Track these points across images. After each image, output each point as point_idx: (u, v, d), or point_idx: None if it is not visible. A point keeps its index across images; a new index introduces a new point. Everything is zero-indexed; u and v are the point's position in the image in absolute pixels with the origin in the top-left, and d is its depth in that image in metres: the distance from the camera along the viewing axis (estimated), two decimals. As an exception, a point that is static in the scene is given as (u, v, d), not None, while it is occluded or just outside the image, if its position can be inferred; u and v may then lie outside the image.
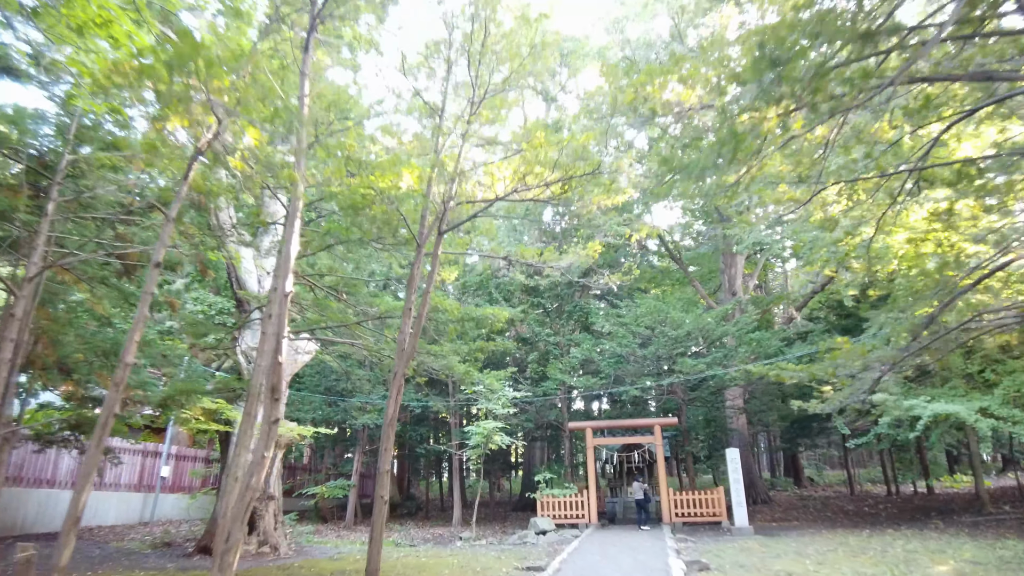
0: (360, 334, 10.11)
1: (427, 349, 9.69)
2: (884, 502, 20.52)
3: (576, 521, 17.94)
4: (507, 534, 17.59)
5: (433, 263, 7.80)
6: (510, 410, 16.74)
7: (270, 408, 6.04)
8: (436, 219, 7.68)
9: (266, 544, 13.54)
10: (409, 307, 7.27)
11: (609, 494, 21.71)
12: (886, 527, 15.55)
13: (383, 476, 6.68)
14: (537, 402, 20.76)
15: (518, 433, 18.25)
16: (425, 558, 12.50)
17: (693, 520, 17.64)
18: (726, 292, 25.82)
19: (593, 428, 19.56)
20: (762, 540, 13.83)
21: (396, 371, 6.99)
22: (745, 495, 17.35)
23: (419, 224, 7.54)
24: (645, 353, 17.72)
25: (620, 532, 16.53)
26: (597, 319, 19.87)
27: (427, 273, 7.78)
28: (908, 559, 10.66)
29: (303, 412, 19.36)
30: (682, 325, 17.27)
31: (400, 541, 16.10)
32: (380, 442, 6.96)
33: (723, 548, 12.64)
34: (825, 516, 18.58)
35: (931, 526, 15.32)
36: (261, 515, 13.73)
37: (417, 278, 7.44)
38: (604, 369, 19.13)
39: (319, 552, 13.64)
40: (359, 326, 9.83)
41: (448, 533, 18.34)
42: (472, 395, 17.33)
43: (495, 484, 33.38)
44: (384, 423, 6.83)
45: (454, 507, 20.97)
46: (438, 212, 7.59)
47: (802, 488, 30.00)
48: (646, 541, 13.88)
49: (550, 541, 15.08)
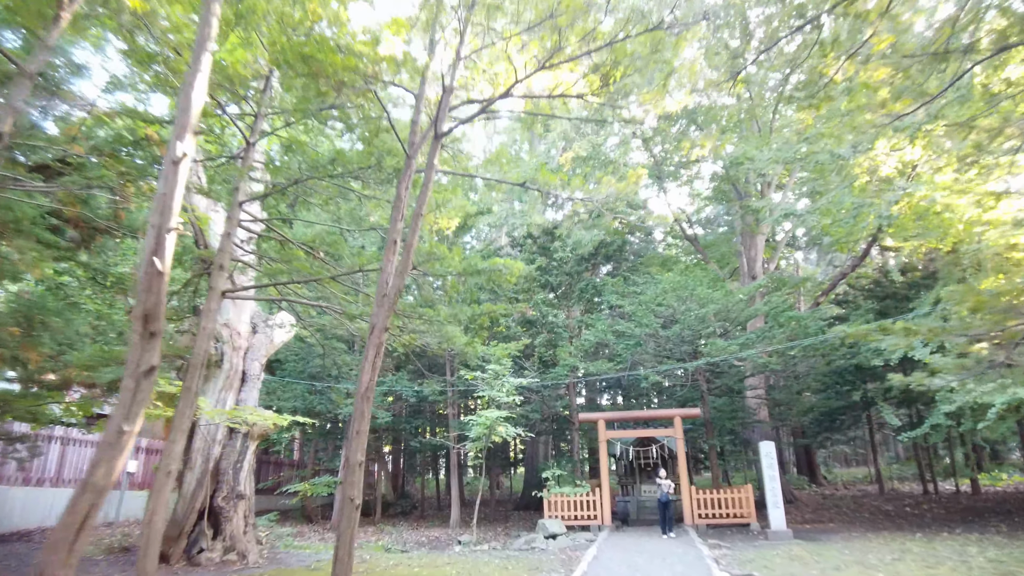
0: (335, 293, 8.22)
1: (419, 313, 7.82)
2: (925, 501, 18.71)
3: (588, 523, 16.08)
4: (511, 537, 15.72)
5: (427, 176, 5.91)
6: (515, 398, 14.84)
7: (141, 350, 4.10)
8: (431, 123, 5.83)
9: (233, 550, 11.63)
10: (394, 238, 5.42)
11: (621, 492, 19.87)
12: (938, 530, 13.74)
13: (353, 470, 4.82)
14: (544, 392, 18.89)
15: (523, 425, 16.37)
16: (418, 567, 10.63)
17: (718, 522, 15.81)
18: (745, 276, 23.97)
19: (606, 420, 17.69)
20: (806, 546, 12.00)
21: (375, 323, 5.14)
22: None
23: (410, 132, 5.70)
24: (668, 334, 15.82)
25: (639, 536, 14.67)
26: (612, 297, 17.95)
27: (419, 185, 5.85)
28: (1001, 571, 8.83)
29: (284, 401, 17.45)
30: (709, 303, 15.36)
31: (391, 545, 14.21)
32: (351, 422, 5.07)
33: (767, 556, 10.79)
34: (862, 517, 16.75)
35: (991, 528, 13.51)
36: (228, 517, 11.84)
37: (405, 200, 5.60)
38: (621, 352, 17.23)
39: (295, 559, 11.75)
40: (335, 283, 7.96)
41: (445, 535, 16.46)
42: (473, 381, 15.45)
43: (495, 482, 31.52)
44: (356, 395, 4.99)
45: (452, 506, 19.10)
46: (432, 115, 5.73)
47: (820, 486, 28.18)
48: (675, 548, 12.02)
49: (562, 546, 13.21)
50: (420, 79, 5.86)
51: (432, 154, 5.92)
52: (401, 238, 5.55)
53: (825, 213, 17.36)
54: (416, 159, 5.83)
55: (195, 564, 11.15)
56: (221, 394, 12.46)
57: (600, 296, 19.75)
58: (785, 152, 17.30)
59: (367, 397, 4.95)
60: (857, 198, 14.53)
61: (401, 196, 5.58)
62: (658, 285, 16.34)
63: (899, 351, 13.55)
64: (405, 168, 5.77)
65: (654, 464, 19.28)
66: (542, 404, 19.40)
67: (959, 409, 12.27)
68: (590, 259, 20.43)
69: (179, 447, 6.20)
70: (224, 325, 12.81)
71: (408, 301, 10.36)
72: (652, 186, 26.29)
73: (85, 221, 10.72)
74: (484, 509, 24.11)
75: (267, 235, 9.16)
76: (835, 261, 34.72)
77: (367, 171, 6.74)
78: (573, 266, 19.29)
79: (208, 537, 11.57)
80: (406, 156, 5.81)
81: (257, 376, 13.17)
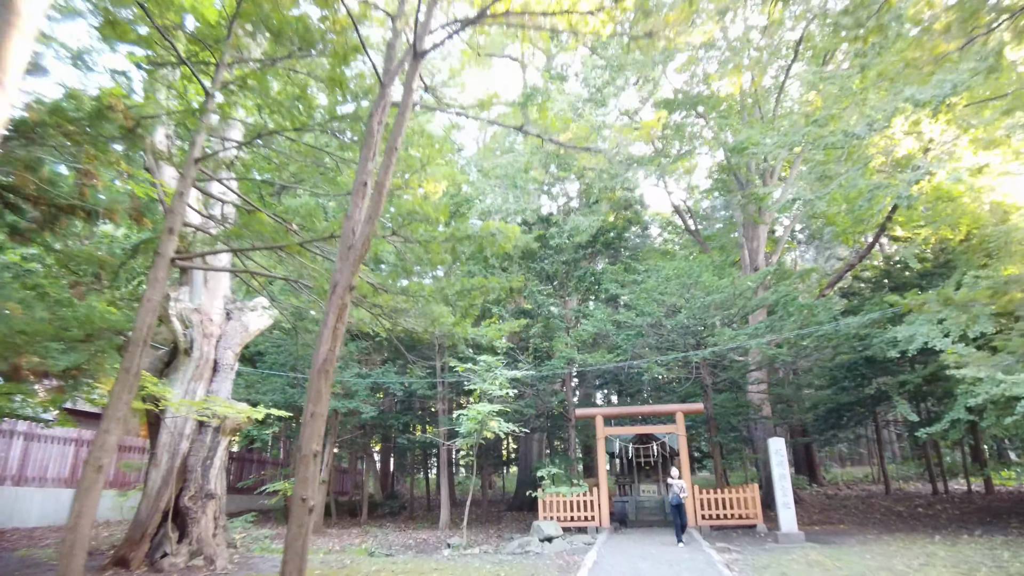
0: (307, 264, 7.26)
1: (400, 288, 6.87)
2: (936, 502, 17.92)
3: (585, 524, 15.19)
4: (503, 539, 14.79)
5: (405, 101, 4.95)
6: (509, 390, 13.90)
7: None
8: (410, 46, 4.89)
9: (200, 554, 10.63)
10: (364, 179, 4.46)
11: (618, 492, 18.99)
12: (956, 531, 12.94)
13: (306, 463, 3.83)
14: (539, 386, 17.95)
15: (516, 421, 15.42)
16: (402, 574, 9.69)
17: (722, 523, 14.96)
18: (747, 268, 23.13)
19: (604, 416, 16.81)
20: (822, 550, 11.14)
21: (337, 280, 4.20)
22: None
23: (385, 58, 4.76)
24: (671, 323, 14.91)
25: (639, 538, 13.78)
26: (612, 286, 17.00)
27: (395, 116, 4.89)
28: (1045, 579, 8.01)
29: (262, 394, 16.43)
30: (715, 291, 14.45)
31: (375, 549, 13.25)
32: (306, 400, 4.14)
33: (782, 562, 9.92)
34: (873, 519, 15.94)
35: (1013, 530, 12.73)
36: (195, 518, 10.84)
37: (378, 135, 4.67)
38: (621, 344, 16.30)
39: (269, 564, 10.78)
40: (306, 253, 6.99)
41: (434, 538, 15.52)
42: (463, 373, 14.49)
43: (486, 481, 30.59)
44: (312, 369, 4.06)
45: (442, 507, 18.14)
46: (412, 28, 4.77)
47: (822, 486, 27.42)
48: (682, 552, 11.12)
49: (558, 550, 12.30)
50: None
51: (411, 76, 4.96)
52: (373, 180, 4.62)
53: (836, 198, 16.57)
54: (391, 88, 4.90)
55: (157, 570, 10.14)
56: (190, 384, 11.46)
57: (599, 285, 18.85)
58: (793, 136, 16.46)
59: (325, 372, 4.01)
60: (871, 180, 13.71)
61: (373, 131, 4.64)
62: (660, 272, 15.43)
63: (918, 341, 12.78)
64: (379, 99, 4.84)
65: (654, 463, 18.43)
66: (537, 399, 18.47)
67: (983, 403, 11.45)
68: (588, 247, 19.50)
69: (112, 438, 5.24)
70: (195, 310, 11.82)
71: (386, 275, 9.44)
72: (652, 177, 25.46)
73: (47, 199, 9.75)
74: (475, 510, 23.16)
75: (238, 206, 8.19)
76: (835, 256, 34.09)
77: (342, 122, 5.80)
78: (570, 254, 18.35)
79: (173, 540, 10.57)
80: (380, 85, 4.88)
81: (230, 366, 12.17)
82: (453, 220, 10.63)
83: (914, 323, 13.16)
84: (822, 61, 20.27)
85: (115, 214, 10.51)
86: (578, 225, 17.06)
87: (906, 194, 12.16)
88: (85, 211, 10.38)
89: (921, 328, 12.74)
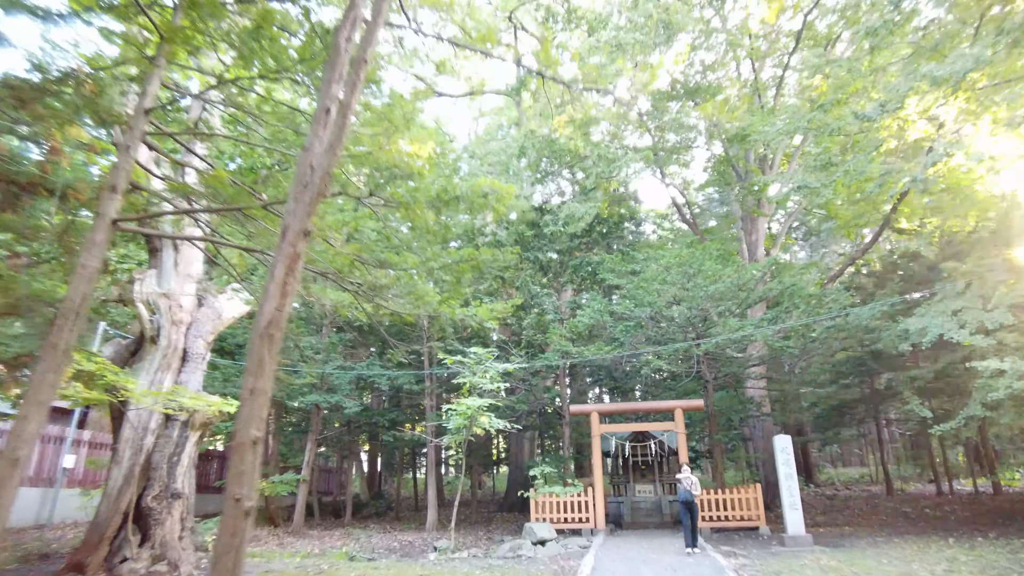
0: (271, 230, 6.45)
1: (378, 258, 6.06)
2: (943, 502, 17.31)
3: (579, 526, 14.43)
4: (494, 542, 14.00)
5: (377, 6, 4.19)
6: (501, 384, 13.12)
7: None
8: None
9: (164, 559, 9.77)
10: (327, 105, 3.68)
11: (613, 492, 18.23)
12: (970, 534, 12.30)
13: (242, 454, 3.03)
14: (531, 381, 17.16)
15: (508, 418, 14.64)
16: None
17: (723, 525, 14.27)
18: (746, 262, 22.52)
19: (601, 412, 16.05)
20: (833, 553, 10.45)
21: (288, 224, 3.42)
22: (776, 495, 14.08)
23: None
24: (672, 313, 14.18)
25: (637, 541, 13.04)
26: (609, 276, 16.24)
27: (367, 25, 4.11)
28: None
29: (238, 387, 15.53)
30: (719, 279, 13.72)
31: (357, 552, 12.41)
32: (245, 373, 3.34)
33: (794, 567, 9.21)
34: (880, 520, 15.29)
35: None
36: (159, 520, 9.98)
37: (345, 55, 3.89)
38: (619, 336, 15.54)
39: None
40: (272, 218, 6.18)
41: (421, 540, 14.70)
42: (452, 366, 13.69)
43: (476, 481, 29.75)
44: (255, 332, 3.26)
45: (429, 507, 17.31)
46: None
47: (819, 487, 26.85)
48: (685, 558, 10.38)
49: (552, 554, 11.53)
50: None
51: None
52: (337, 106, 3.85)
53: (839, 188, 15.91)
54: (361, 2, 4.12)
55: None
56: (156, 375, 10.60)
57: (596, 275, 18.13)
58: (796, 122, 15.81)
59: (270, 336, 3.20)
60: (882, 165, 13.07)
61: (340, 48, 3.84)
62: (660, 260, 14.68)
63: (931, 333, 12.13)
64: (348, 10, 4.06)
65: (650, 462, 17.69)
66: (529, 395, 17.68)
67: (1003, 397, 10.80)
68: (583, 236, 18.76)
69: (32, 426, 4.41)
70: (163, 295, 10.97)
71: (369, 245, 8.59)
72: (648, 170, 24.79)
73: (5, 175, 8.90)
74: (464, 510, 22.34)
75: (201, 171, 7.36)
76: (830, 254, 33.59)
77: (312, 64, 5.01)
78: (565, 243, 17.59)
79: (134, 544, 9.70)
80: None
81: (201, 355, 11.31)
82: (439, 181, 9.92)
83: (926, 315, 12.53)
84: (824, 49, 19.69)
85: (80, 193, 9.65)
86: (574, 212, 16.31)
87: (921, 177, 11.50)
88: (47, 189, 9.53)
89: (935, 320, 12.10)
